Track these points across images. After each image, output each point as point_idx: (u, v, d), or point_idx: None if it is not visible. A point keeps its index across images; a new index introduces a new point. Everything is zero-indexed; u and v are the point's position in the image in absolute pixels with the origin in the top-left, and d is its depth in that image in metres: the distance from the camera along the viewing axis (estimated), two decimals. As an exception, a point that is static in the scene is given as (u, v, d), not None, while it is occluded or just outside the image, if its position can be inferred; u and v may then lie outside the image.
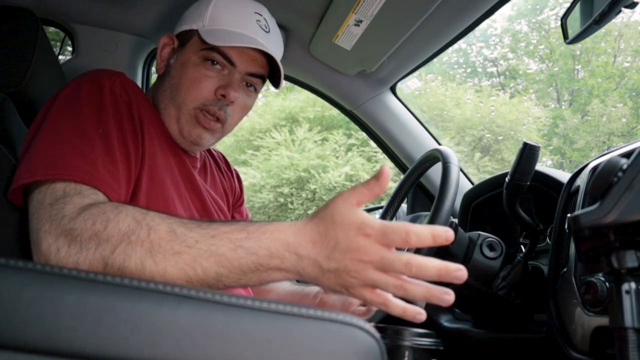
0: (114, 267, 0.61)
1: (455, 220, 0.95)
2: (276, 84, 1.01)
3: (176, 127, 0.93)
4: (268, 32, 0.97)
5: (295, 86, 1.97)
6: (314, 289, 1.00)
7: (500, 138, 10.45)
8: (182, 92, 0.91)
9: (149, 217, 0.62)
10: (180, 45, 0.96)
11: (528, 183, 0.88)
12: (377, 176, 0.59)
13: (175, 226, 0.61)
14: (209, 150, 1.15)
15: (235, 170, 1.22)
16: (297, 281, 1.61)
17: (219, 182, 1.12)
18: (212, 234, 0.61)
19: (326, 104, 1.65)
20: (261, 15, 0.98)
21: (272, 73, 1.00)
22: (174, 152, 0.94)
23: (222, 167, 1.17)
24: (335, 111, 1.68)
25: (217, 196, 1.05)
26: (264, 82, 1.00)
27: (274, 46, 0.97)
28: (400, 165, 1.66)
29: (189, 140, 0.94)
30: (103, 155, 0.73)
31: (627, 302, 0.59)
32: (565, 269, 0.85)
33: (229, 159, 1.23)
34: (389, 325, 0.85)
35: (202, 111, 0.92)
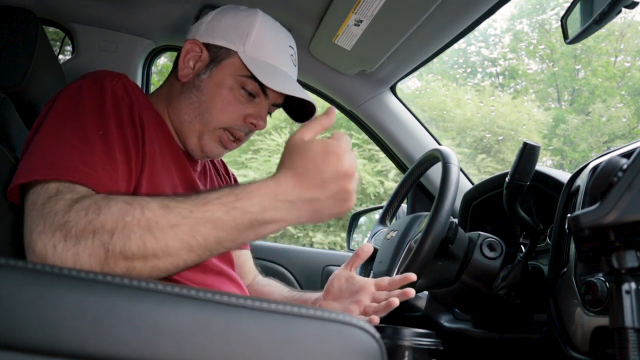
0: (115, 251, 0.61)
1: (455, 220, 0.95)
2: (293, 115, 1.08)
3: (197, 140, 0.95)
4: (295, 66, 1.02)
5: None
6: (312, 295, 1.00)
7: (500, 138, 10.44)
8: (212, 112, 0.93)
9: (139, 199, 0.65)
10: (212, 60, 0.95)
11: (528, 183, 0.88)
12: (326, 113, 0.70)
13: (166, 202, 0.64)
14: None
15: (233, 174, 1.22)
16: (300, 286, 1.62)
17: (217, 187, 1.12)
18: (203, 202, 0.63)
19: (326, 103, 1.65)
20: (293, 49, 1.01)
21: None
22: (175, 155, 0.94)
23: (220, 171, 1.17)
24: (335, 110, 1.67)
25: None
26: (278, 108, 1.05)
27: (296, 77, 1.03)
28: (400, 165, 1.66)
29: (205, 154, 0.97)
30: (103, 157, 0.73)
31: (627, 302, 0.59)
32: (565, 269, 0.85)
33: (229, 160, 1.25)
34: (389, 325, 0.85)
35: (226, 131, 0.95)
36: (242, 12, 0.98)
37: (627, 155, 0.70)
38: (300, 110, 1.06)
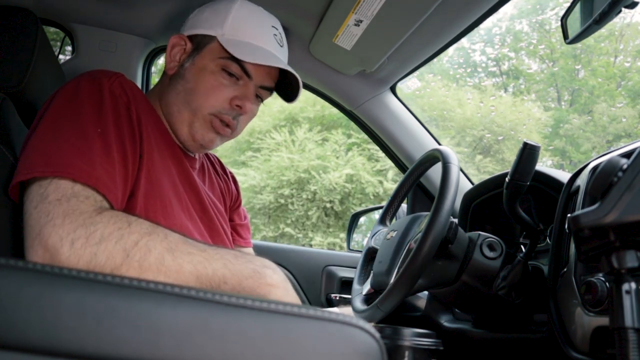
0: (134, 259, 0.64)
1: (455, 220, 0.95)
2: (285, 97, 1.05)
3: (187, 130, 0.94)
4: (282, 46, 1.01)
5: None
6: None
7: (500, 138, 10.44)
8: (198, 98, 0.93)
9: (161, 227, 0.70)
10: (195, 49, 0.95)
11: (528, 183, 0.88)
12: None
13: (185, 237, 0.70)
14: (206, 153, 1.16)
15: (230, 172, 1.22)
16: (300, 286, 1.62)
17: (217, 185, 1.12)
18: (215, 247, 0.71)
19: (326, 102, 1.65)
20: (277, 30, 1.01)
21: (278, 84, 1.03)
22: (173, 153, 0.94)
23: (218, 169, 1.17)
24: (335, 109, 1.69)
25: (215, 198, 1.05)
26: (271, 93, 1.03)
27: (285, 59, 1.01)
28: (400, 165, 1.66)
29: (199, 144, 0.96)
30: (100, 155, 0.74)
31: (627, 302, 0.59)
32: (565, 269, 0.85)
33: (229, 160, 1.25)
34: (389, 325, 0.85)
35: (216, 117, 0.94)
36: (223, 1, 0.98)
37: (627, 155, 0.70)
38: (291, 91, 1.05)
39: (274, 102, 10.69)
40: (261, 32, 0.96)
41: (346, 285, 1.63)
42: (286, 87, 1.05)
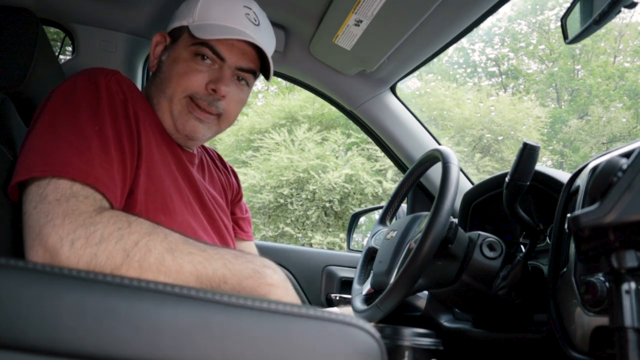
0: (134, 259, 0.64)
1: (455, 220, 0.95)
2: (267, 76, 1.02)
3: (170, 120, 0.94)
4: (258, 25, 0.97)
5: (295, 86, 1.97)
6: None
7: (500, 138, 10.44)
8: (172, 84, 0.92)
9: (162, 227, 0.70)
10: (171, 42, 0.97)
11: (528, 183, 0.88)
12: None
13: (185, 237, 0.70)
14: (204, 148, 1.16)
15: (230, 166, 1.23)
16: (300, 286, 1.62)
17: (217, 179, 1.12)
18: (215, 247, 0.71)
19: (326, 102, 1.65)
20: (250, 9, 0.98)
21: (264, 67, 1.01)
22: (171, 149, 0.94)
23: (218, 164, 1.17)
24: (334, 108, 1.69)
25: (215, 193, 1.05)
26: (255, 76, 1.01)
27: (265, 40, 0.98)
28: (400, 165, 1.66)
29: (183, 134, 0.95)
30: (99, 154, 0.74)
31: (627, 302, 0.59)
32: (565, 269, 0.85)
33: (229, 159, 1.25)
34: (389, 325, 0.85)
35: (192, 101, 0.93)
36: None
37: (627, 155, 0.70)
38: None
39: (274, 102, 10.70)
40: (230, 13, 0.95)
41: (346, 285, 1.63)
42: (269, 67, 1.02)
